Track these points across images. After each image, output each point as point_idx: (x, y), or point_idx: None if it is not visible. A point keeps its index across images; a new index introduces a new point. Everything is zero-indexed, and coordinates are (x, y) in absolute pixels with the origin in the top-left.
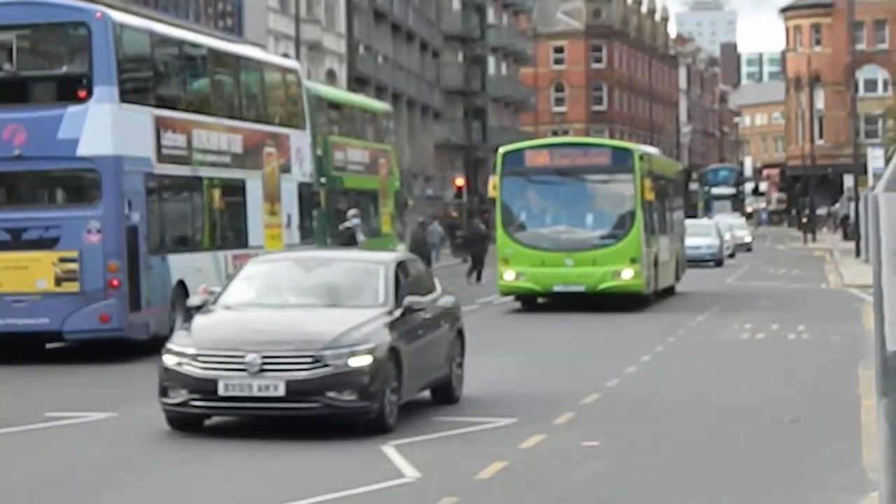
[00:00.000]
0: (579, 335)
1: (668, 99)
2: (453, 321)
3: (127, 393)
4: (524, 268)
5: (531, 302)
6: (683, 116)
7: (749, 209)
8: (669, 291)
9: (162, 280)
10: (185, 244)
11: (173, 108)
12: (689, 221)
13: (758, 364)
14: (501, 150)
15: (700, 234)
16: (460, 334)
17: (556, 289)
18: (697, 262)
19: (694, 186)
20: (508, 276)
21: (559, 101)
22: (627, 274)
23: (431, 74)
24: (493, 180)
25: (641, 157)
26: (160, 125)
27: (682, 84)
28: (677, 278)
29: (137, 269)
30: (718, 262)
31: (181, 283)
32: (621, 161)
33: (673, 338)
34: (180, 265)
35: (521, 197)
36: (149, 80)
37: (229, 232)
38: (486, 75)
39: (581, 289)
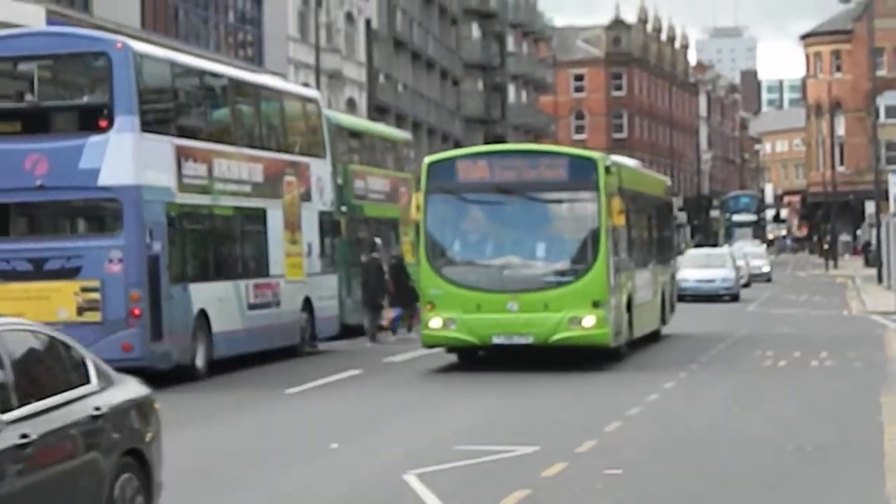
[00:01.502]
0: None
1: (689, 126)
2: (120, 442)
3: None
4: (455, 313)
5: (471, 354)
6: (704, 143)
7: (770, 236)
8: (652, 338)
9: (183, 309)
10: (206, 273)
11: (194, 137)
12: (699, 251)
13: (780, 391)
14: (427, 159)
15: (713, 266)
16: (141, 462)
17: (497, 340)
18: (710, 297)
19: (715, 214)
20: (435, 323)
21: (579, 129)
22: (589, 321)
23: (452, 102)
24: (416, 199)
25: (609, 169)
26: (181, 154)
27: (703, 111)
28: (663, 320)
29: (159, 298)
30: (734, 297)
31: (202, 312)
32: (582, 173)
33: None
34: (201, 294)
35: (451, 221)
36: (169, 110)
37: (250, 261)
38: (506, 103)
39: (528, 340)
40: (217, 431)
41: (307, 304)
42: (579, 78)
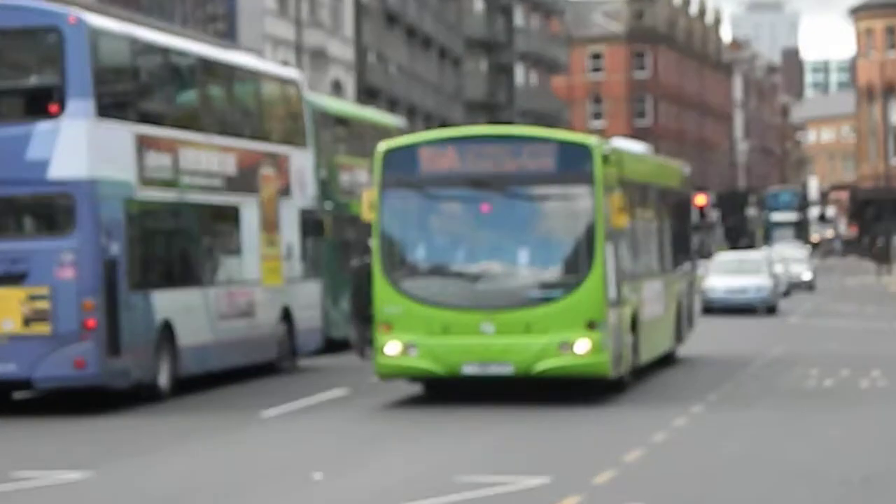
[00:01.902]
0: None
1: (722, 112)
2: None
3: (105, 450)
4: (416, 336)
5: (440, 387)
6: (739, 132)
7: (815, 238)
8: (665, 361)
9: (145, 320)
10: (170, 279)
11: (157, 124)
12: (730, 255)
13: (825, 414)
14: (382, 146)
15: (746, 272)
16: None
17: (468, 370)
18: (742, 309)
19: (752, 212)
20: (391, 349)
21: (597, 116)
22: (582, 346)
23: (451, 85)
24: (368, 196)
25: (607, 157)
26: (142, 144)
27: (738, 95)
28: (679, 339)
29: (117, 307)
30: (770, 309)
31: (167, 324)
32: (574, 163)
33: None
34: (166, 303)
35: (412, 222)
36: (129, 92)
37: (222, 265)
38: (513, 86)
39: (508, 371)
40: (182, 461)
41: (286, 315)
42: (597, 57)
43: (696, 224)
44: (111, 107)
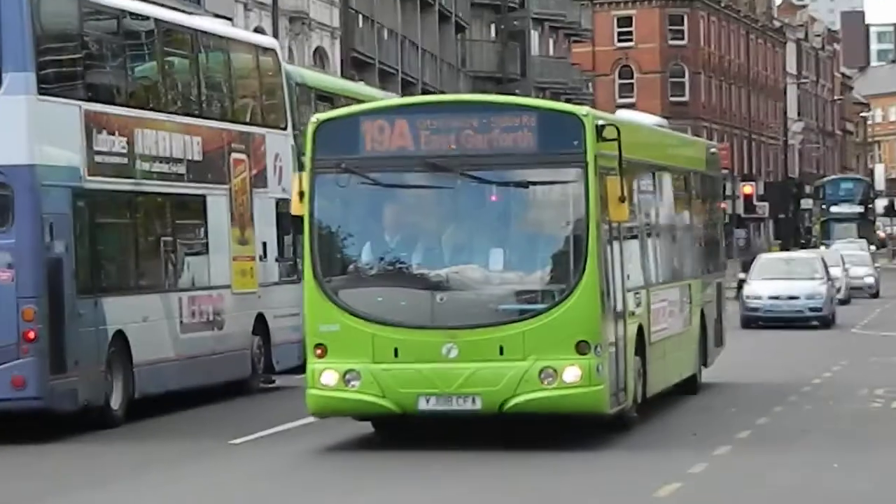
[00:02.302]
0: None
1: (773, 87)
2: None
3: (49, 483)
4: (359, 362)
5: (391, 425)
6: (793, 110)
7: (881, 234)
8: (685, 388)
9: (95, 331)
10: (125, 284)
11: (110, 101)
12: (777, 256)
13: (892, 441)
14: (315, 119)
15: (796, 276)
16: None
17: (425, 406)
18: (792, 320)
19: (807, 204)
20: (328, 378)
21: (625, 90)
22: (572, 374)
23: (454, 55)
24: (298, 181)
25: (603, 132)
26: (92, 124)
27: (791, 67)
28: (704, 361)
29: (62, 316)
30: (825, 321)
31: (120, 335)
32: (559, 138)
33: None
34: (119, 311)
35: (353, 216)
36: (77, 63)
37: (185, 266)
38: (527, 56)
39: (475, 406)
40: (137, 496)
41: (261, 324)
42: (626, 22)
43: (731, 217)
44: (55, 81)
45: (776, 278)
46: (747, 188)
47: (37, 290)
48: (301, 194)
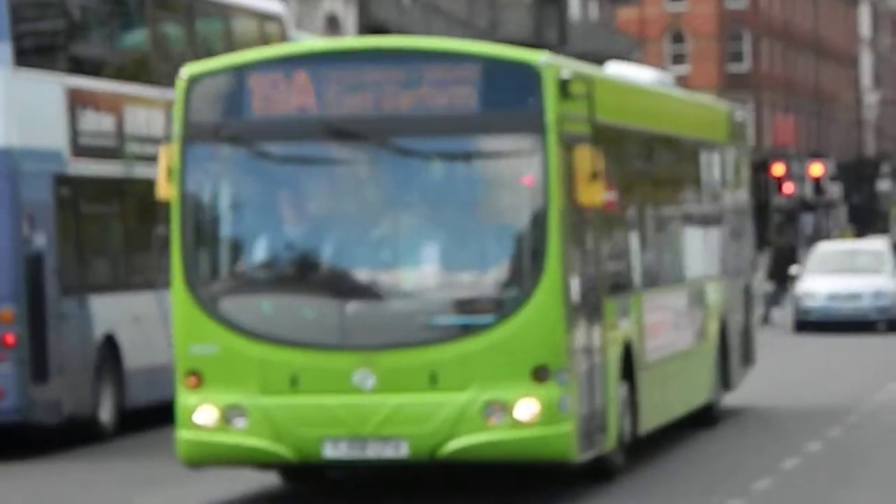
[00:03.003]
0: None
1: (844, 53)
2: None
3: None
4: (246, 394)
5: (303, 473)
6: (867, 79)
7: None
8: (699, 419)
9: (81, 335)
10: (115, 281)
11: (96, 75)
12: (836, 247)
13: None
14: (186, 73)
15: (860, 271)
16: None
17: (332, 453)
18: (854, 324)
19: (884, 186)
20: (204, 416)
21: (678, 59)
22: (526, 410)
23: (485, 20)
24: (165, 155)
25: (568, 87)
26: (76, 101)
27: (865, 31)
28: (726, 384)
29: (44, 318)
30: (894, 323)
31: (109, 340)
32: (509, 96)
33: None
34: (108, 312)
35: (237, 202)
36: (59, 34)
37: None
38: (566, 21)
39: (399, 453)
40: None
41: None
42: None
43: (826, 203)
44: (34, 51)
45: (836, 272)
46: (816, 168)
47: (15, 290)
48: (168, 173)
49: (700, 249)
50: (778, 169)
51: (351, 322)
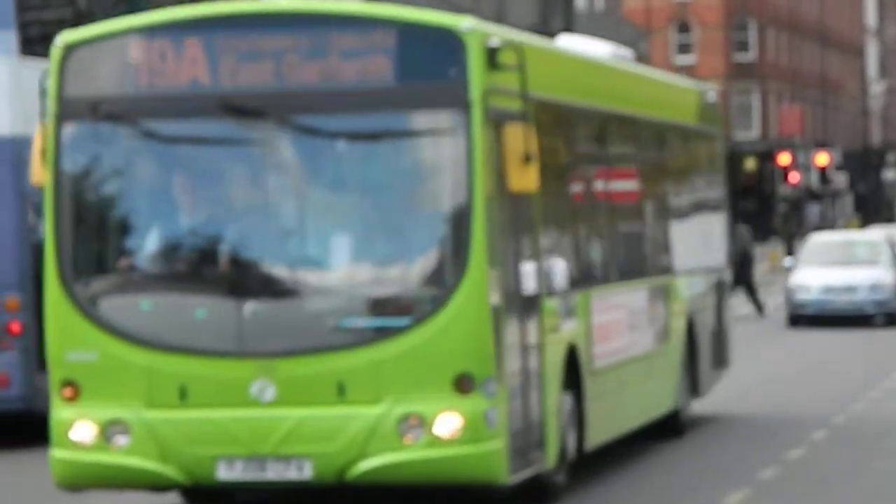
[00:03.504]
0: None
1: (851, 42)
2: None
3: (34, 498)
4: (127, 407)
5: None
6: (873, 69)
7: None
8: (663, 429)
9: None
10: None
11: None
12: (831, 238)
13: None
14: (60, 41)
15: (856, 263)
16: None
17: (225, 474)
18: (849, 318)
19: (891, 175)
20: (81, 433)
21: (684, 49)
22: (448, 425)
23: (490, 9)
24: (39, 135)
25: (497, 57)
26: None
27: (871, 19)
28: (694, 387)
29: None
30: (893, 317)
31: None
32: (427, 66)
33: None
34: None
35: (117, 187)
36: (64, 22)
37: None
38: (572, 10)
39: (303, 474)
40: None
41: None
42: None
43: (832, 192)
44: (40, 41)
45: (831, 264)
46: (822, 158)
47: (20, 278)
48: (41, 154)
49: (663, 241)
50: (784, 158)
51: (248, 325)
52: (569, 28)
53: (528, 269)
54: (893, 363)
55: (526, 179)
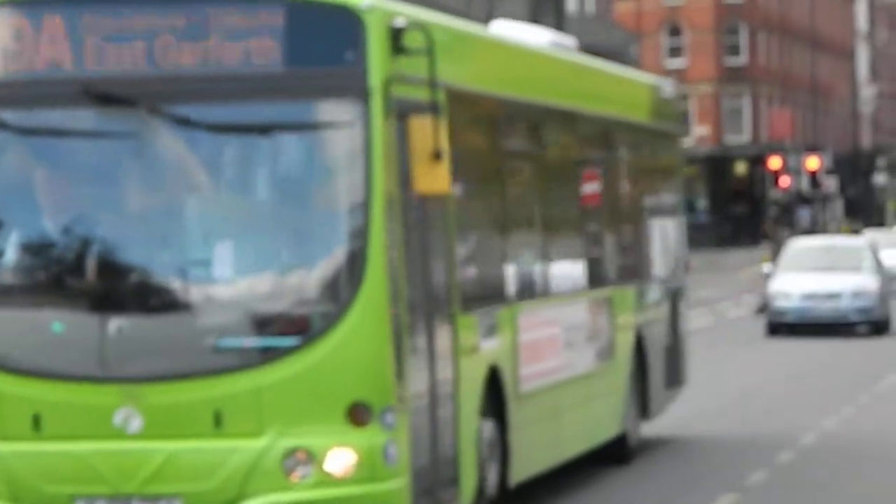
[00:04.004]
0: None
1: (841, 47)
2: None
3: None
4: None
5: None
6: (863, 73)
7: None
8: (611, 456)
9: None
10: None
11: None
12: (812, 243)
13: None
14: None
15: (838, 269)
16: None
17: None
18: (832, 326)
19: (881, 180)
20: None
21: (675, 52)
22: (341, 461)
23: (481, 11)
24: None
25: (401, 38)
26: None
27: (861, 24)
28: (644, 409)
29: None
30: (878, 325)
31: None
32: (321, 50)
33: None
34: None
35: None
36: None
37: None
38: (563, 12)
39: None
40: None
41: None
42: None
43: (823, 197)
44: None
45: (812, 270)
46: (812, 162)
47: None
48: None
49: (608, 250)
50: (774, 162)
51: (112, 345)
52: (560, 29)
53: (440, 281)
54: (874, 375)
55: (435, 179)
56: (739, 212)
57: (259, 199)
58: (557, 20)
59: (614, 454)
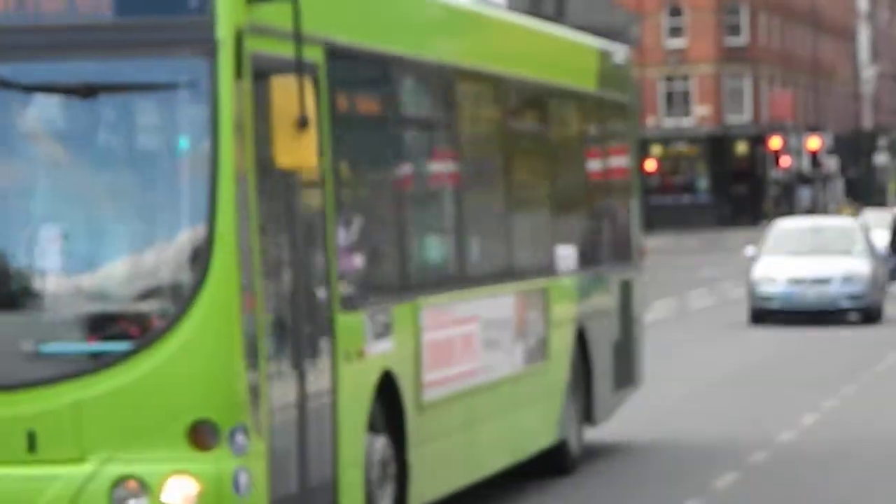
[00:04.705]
0: None
1: (842, 27)
2: None
3: None
4: None
5: None
6: (865, 53)
7: None
8: (550, 466)
9: None
10: None
11: None
12: (800, 224)
13: None
14: None
15: (828, 252)
16: None
17: None
18: (821, 313)
19: (882, 160)
20: None
21: (675, 32)
22: (180, 492)
23: None
24: None
25: None
26: None
27: (863, 5)
28: (588, 414)
29: None
30: (869, 312)
31: None
32: (149, 4)
33: None
34: None
35: None
36: None
37: None
38: None
39: None
40: None
41: None
42: None
43: (823, 177)
44: None
45: (799, 253)
46: (813, 142)
47: None
48: None
49: (541, 234)
50: (775, 142)
51: None
52: (561, 11)
53: (315, 273)
54: (864, 365)
55: (299, 151)
56: (740, 192)
57: (84, 178)
58: (559, 1)
59: (554, 465)
